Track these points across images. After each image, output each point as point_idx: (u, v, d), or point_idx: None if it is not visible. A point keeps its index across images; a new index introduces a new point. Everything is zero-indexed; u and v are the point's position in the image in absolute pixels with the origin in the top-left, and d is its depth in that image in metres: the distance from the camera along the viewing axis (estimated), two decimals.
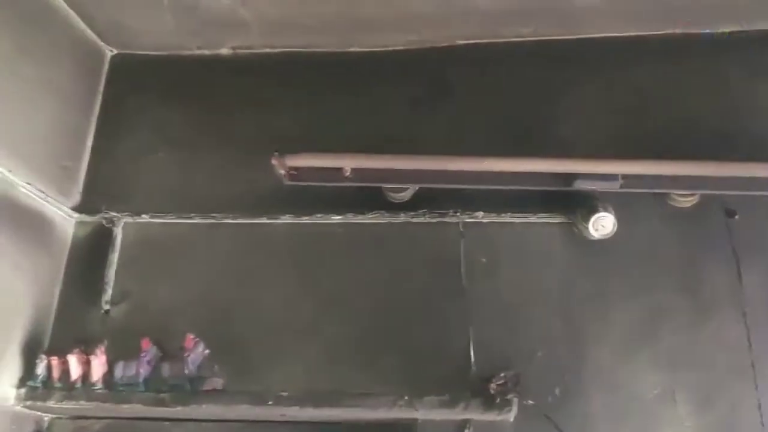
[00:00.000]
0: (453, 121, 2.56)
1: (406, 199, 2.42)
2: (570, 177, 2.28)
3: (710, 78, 2.50)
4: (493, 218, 2.41)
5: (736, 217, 2.33)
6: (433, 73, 2.65)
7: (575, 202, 2.35)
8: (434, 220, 2.42)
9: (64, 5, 2.54)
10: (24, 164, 2.28)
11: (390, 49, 2.67)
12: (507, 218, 2.40)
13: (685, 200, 2.33)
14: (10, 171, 2.21)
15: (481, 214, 2.40)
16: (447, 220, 2.41)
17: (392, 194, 2.41)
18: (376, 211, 2.44)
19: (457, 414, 2.12)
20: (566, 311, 2.29)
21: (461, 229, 2.40)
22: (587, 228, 2.28)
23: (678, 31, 2.55)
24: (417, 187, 2.40)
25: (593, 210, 2.28)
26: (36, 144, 2.38)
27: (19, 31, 2.32)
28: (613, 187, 2.27)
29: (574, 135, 2.47)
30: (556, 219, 2.40)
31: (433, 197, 2.40)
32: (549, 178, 2.31)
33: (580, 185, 2.28)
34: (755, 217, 2.32)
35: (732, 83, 2.49)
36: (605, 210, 2.27)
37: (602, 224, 2.26)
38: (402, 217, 2.43)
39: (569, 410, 2.16)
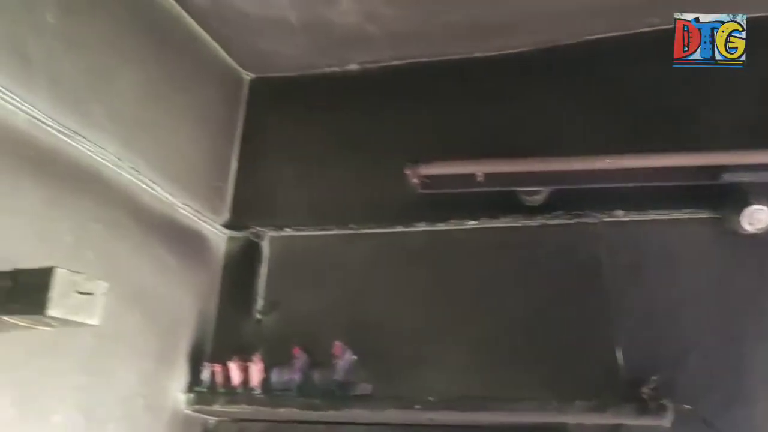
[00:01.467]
0: (587, 119, 2.48)
1: (540, 202, 2.38)
2: (717, 169, 2.17)
3: None
4: (633, 216, 2.33)
5: None
6: (560, 71, 2.58)
7: (723, 196, 2.22)
8: (571, 221, 2.37)
9: (206, 35, 2.70)
10: (181, 187, 2.45)
11: (515, 51, 2.64)
12: (649, 215, 2.31)
13: None
14: (170, 194, 2.39)
15: (621, 212, 2.33)
16: (585, 220, 2.35)
17: (526, 197, 2.38)
18: (510, 215, 2.42)
19: (607, 419, 2.07)
20: (722, 310, 2.17)
21: (601, 229, 2.33)
22: (739, 222, 2.15)
23: None
24: (551, 188, 2.36)
25: (745, 203, 2.14)
26: (189, 168, 2.56)
27: (169, 62, 2.49)
28: (765, 178, 2.14)
29: (720, 124, 2.32)
30: (703, 214, 2.27)
31: (569, 198, 2.35)
32: (694, 172, 2.21)
33: (729, 178, 2.16)
34: None
35: None
36: (759, 202, 2.13)
37: (758, 217, 2.13)
38: (538, 220, 2.40)
39: (732, 416, 2.04)
